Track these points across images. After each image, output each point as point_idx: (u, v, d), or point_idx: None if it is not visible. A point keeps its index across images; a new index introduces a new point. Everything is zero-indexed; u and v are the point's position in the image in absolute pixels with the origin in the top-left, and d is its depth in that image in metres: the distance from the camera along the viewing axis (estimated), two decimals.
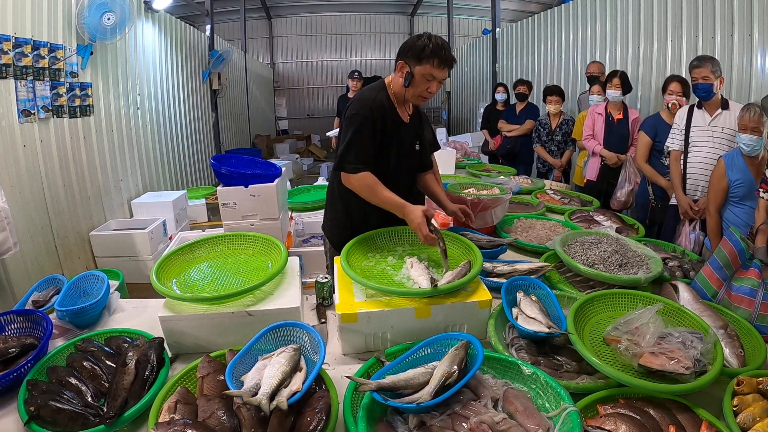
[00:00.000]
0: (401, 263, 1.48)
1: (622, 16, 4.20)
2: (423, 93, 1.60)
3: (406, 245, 1.62)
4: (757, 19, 2.94)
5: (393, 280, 1.39)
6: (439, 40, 1.56)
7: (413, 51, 1.56)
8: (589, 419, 0.97)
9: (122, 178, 3.92)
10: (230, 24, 11.50)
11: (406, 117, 1.73)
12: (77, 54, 3.24)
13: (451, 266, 1.43)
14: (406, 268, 1.44)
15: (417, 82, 1.58)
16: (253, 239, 1.59)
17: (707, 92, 2.43)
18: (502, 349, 1.19)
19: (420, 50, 1.54)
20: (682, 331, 1.13)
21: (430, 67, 1.54)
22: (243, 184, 2.69)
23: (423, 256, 1.53)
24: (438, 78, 1.57)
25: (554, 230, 2.19)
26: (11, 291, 2.56)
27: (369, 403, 0.96)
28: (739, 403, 0.99)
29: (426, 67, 1.54)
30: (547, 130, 4.11)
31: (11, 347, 1.17)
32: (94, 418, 0.99)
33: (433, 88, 1.59)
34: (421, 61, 1.54)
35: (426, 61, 1.53)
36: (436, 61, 1.53)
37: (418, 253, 1.55)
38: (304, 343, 1.12)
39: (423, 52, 1.53)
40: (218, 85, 6.71)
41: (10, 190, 2.59)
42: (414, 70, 1.56)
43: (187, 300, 1.27)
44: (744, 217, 2.12)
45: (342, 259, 1.42)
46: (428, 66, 1.54)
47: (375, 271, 1.46)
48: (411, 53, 1.57)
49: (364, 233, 1.61)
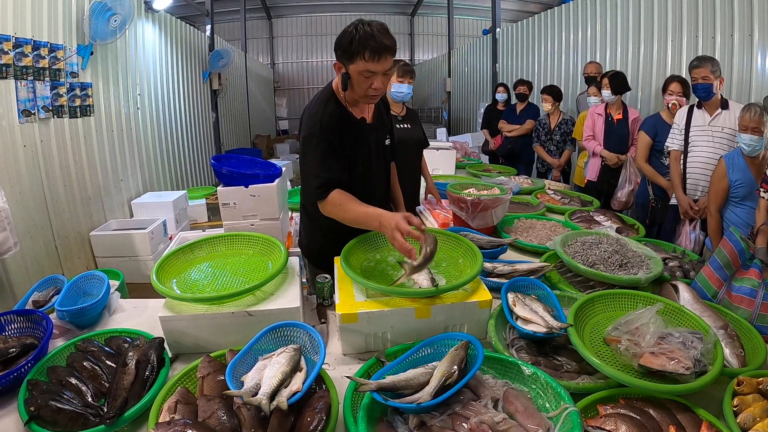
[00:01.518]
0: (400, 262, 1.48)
1: (622, 16, 4.20)
2: (368, 92, 1.38)
3: None
4: (757, 19, 2.94)
5: (393, 280, 1.39)
6: (368, 27, 1.30)
7: (341, 48, 1.34)
8: (590, 419, 0.97)
9: (122, 178, 3.92)
10: (230, 24, 11.52)
11: (368, 116, 1.56)
12: (77, 54, 3.25)
13: (443, 271, 1.39)
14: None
15: (356, 83, 1.37)
16: (253, 239, 1.58)
17: (707, 92, 2.43)
18: (502, 349, 1.19)
19: (347, 46, 1.32)
20: (682, 331, 1.13)
21: (363, 63, 1.31)
22: (243, 184, 2.70)
23: None
24: (376, 71, 1.34)
25: (554, 230, 2.19)
26: (11, 291, 2.56)
27: (369, 403, 0.96)
28: (739, 403, 0.99)
29: (359, 63, 1.32)
30: (546, 129, 4.11)
31: (11, 347, 1.17)
32: (94, 418, 0.98)
33: (377, 84, 1.36)
34: (351, 58, 1.33)
35: (356, 57, 1.31)
36: (367, 54, 1.30)
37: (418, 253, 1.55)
38: (305, 343, 1.12)
39: (351, 47, 1.31)
40: (218, 85, 6.72)
41: (10, 190, 2.59)
42: (349, 70, 1.36)
43: (187, 300, 1.27)
44: (745, 217, 2.12)
45: (342, 259, 1.42)
46: (360, 62, 1.31)
47: (375, 271, 1.45)
48: (340, 51, 1.35)
49: (365, 234, 1.60)
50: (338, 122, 1.46)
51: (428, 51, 13.15)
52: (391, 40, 1.33)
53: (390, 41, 1.32)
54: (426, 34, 13.27)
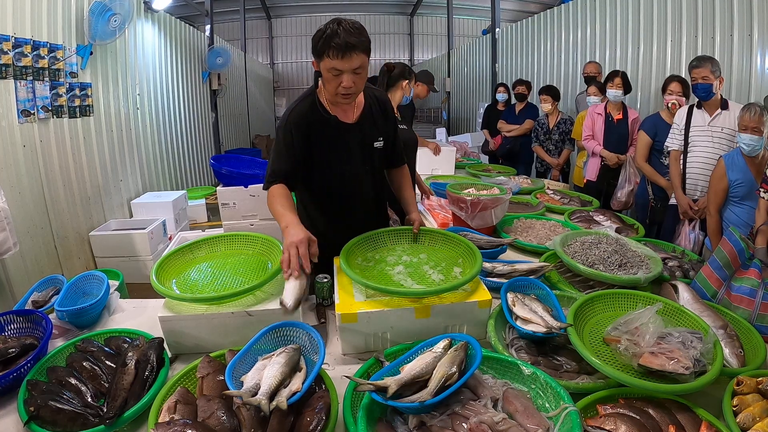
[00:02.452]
0: (399, 262, 1.48)
1: (622, 16, 4.20)
2: (338, 90, 1.39)
3: (405, 245, 1.62)
4: (757, 19, 2.94)
5: (392, 280, 1.39)
6: (337, 25, 1.33)
7: (313, 46, 1.37)
8: (589, 419, 0.97)
9: (122, 178, 3.92)
10: (230, 24, 11.53)
11: (352, 116, 1.56)
12: (77, 54, 3.25)
13: (443, 270, 1.41)
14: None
15: (326, 80, 1.39)
16: (253, 239, 1.58)
17: (707, 92, 2.44)
18: (501, 349, 1.19)
19: (316, 44, 1.35)
20: (681, 331, 1.13)
21: (329, 60, 1.33)
22: (243, 185, 2.70)
23: (422, 256, 1.53)
24: (343, 69, 1.34)
25: (554, 230, 2.19)
26: (11, 291, 2.56)
27: (369, 403, 0.96)
28: (738, 403, 0.99)
29: (326, 61, 1.34)
30: (545, 129, 4.11)
31: (11, 347, 1.17)
32: (94, 419, 0.98)
33: (346, 83, 1.36)
34: (320, 56, 1.35)
35: (324, 55, 1.34)
36: (332, 52, 1.31)
37: (417, 253, 1.55)
38: (304, 344, 1.12)
39: (318, 46, 1.34)
40: (218, 86, 6.72)
41: (10, 190, 2.59)
42: (320, 68, 1.38)
43: (187, 300, 1.27)
44: (744, 217, 2.12)
45: (341, 258, 1.42)
46: (327, 59, 1.33)
47: (374, 271, 1.46)
48: (313, 49, 1.38)
49: (365, 233, 1.60)
50: (306, 121, 1.48)
51: (428, 51, 13.15)
52: (358, 39, 1.32)
53: (356, 39, 1.31)
54: (425, 34, 13.27)
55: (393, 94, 2.41)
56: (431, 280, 1.37)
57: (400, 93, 2.42)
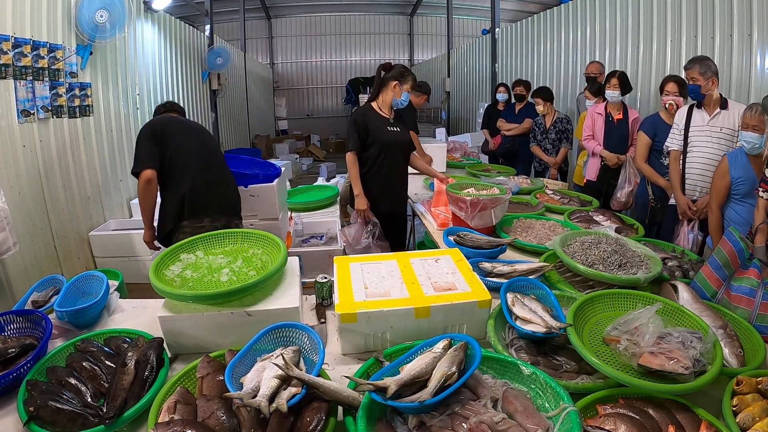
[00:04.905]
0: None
1: (622, 16, 4.20)
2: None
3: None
4: (757, 19, 2.94)
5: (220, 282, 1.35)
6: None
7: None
8: (589, 419, 0.97)
9: (122, 178, 3.92)
10: (230, 24, 11.52)
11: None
12: (77, 54, 3.24)
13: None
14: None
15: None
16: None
17: (695, 93, 2.47)
18: (501, 349, 1.19)
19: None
20: (681, 331, 1.13)
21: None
22: (242, 185, 2.69)
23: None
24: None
25: (554, 230, 2.20)
26: (11, 291, 2.56)
27: (368, 403, 0.96)
28: (738, 402, 0.99)
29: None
30: (542, 129, 4.12)
31: (11, 347, 1.17)
32: (94, 419, 0.98)
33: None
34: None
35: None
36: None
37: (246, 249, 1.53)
38: (304, 344, 1.12)
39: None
40: (218, 86, 6.72)
41: (10, 190, 2.59)
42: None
43: (186, 298, 1.26)
44: (745, 215, 2.12)
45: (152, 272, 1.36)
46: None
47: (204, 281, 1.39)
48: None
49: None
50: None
51: (427, 51, 13.15)
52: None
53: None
54: (425, 34, 13.27)
55: (384, 94, 2.60)
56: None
57: (390, 94, 2.58)
